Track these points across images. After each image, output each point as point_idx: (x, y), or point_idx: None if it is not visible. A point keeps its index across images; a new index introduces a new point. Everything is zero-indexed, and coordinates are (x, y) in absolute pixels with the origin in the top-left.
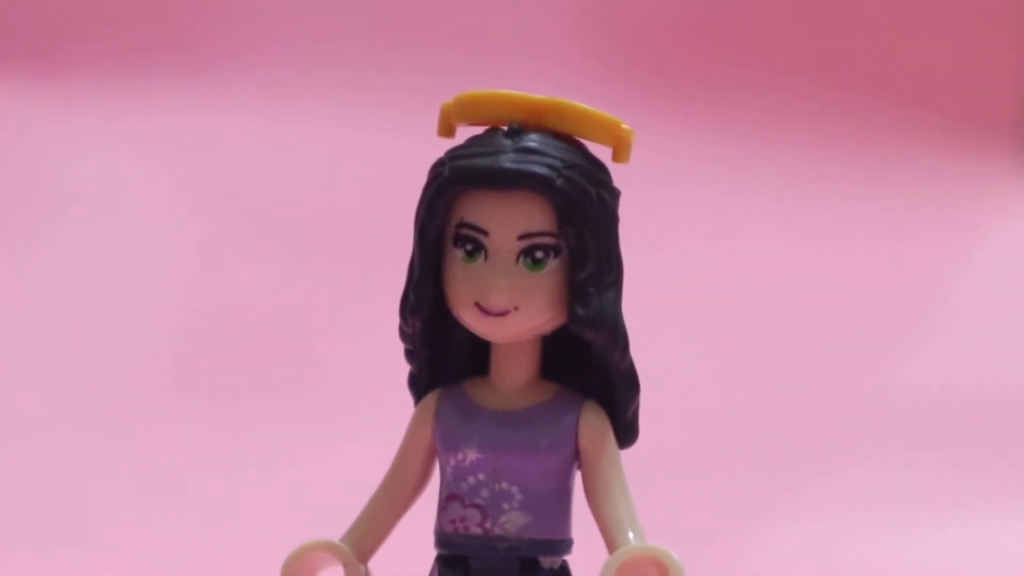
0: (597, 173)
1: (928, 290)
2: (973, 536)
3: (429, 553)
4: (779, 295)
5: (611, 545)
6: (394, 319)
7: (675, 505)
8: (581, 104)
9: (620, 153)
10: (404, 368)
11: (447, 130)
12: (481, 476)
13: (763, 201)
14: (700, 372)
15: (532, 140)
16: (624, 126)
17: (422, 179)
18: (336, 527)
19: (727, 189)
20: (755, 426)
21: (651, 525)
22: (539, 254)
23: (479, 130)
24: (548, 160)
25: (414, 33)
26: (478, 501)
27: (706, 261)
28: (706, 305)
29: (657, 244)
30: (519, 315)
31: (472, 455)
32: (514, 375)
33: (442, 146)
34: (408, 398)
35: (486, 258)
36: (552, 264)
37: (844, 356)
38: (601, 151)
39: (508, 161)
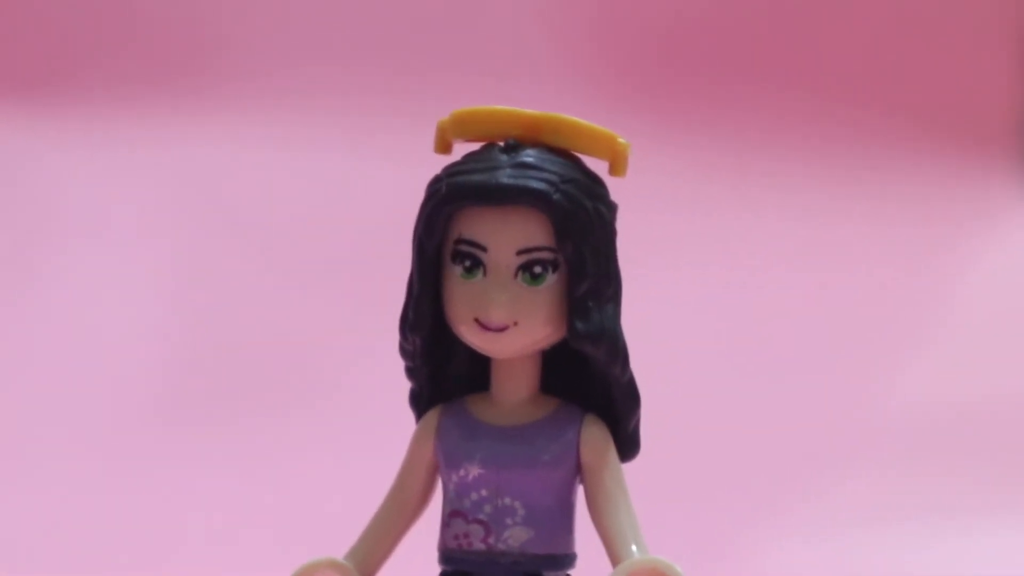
0: (594, 187)
1: (927, 303)
2: (973, 548)
3: (433, 570)
4: (777, 308)
5: (614, 558)
6: (394, 338)
7: (677, 518)
8: (577, 118)
9: (616, 167)
10: (405, 386)
11: (444, 147)
12: (483, 492)
13: (759, 215)
14: (699, 384)
15: (528, 155)
16: (620, 140)
17: (420, 198)
18: (339, 545)
19: (724, 203)
20: (756, 439)
21: (653, 538)
22: (538, 269)
23: (476, 146)
24: (545, 175)
25: (411, 57)
26: (481, 517)
27: (702, 275)
28: (703, 318)
29: (655, 258)
30: (519, 330)
31: (474, 471)
32: (515, 390)
33: (439, 164)
34: (409, 415)
35: (485, 274)
36: (551, 279)
37: (844, 369)
38: (598, 165)
39: (505, 176)
